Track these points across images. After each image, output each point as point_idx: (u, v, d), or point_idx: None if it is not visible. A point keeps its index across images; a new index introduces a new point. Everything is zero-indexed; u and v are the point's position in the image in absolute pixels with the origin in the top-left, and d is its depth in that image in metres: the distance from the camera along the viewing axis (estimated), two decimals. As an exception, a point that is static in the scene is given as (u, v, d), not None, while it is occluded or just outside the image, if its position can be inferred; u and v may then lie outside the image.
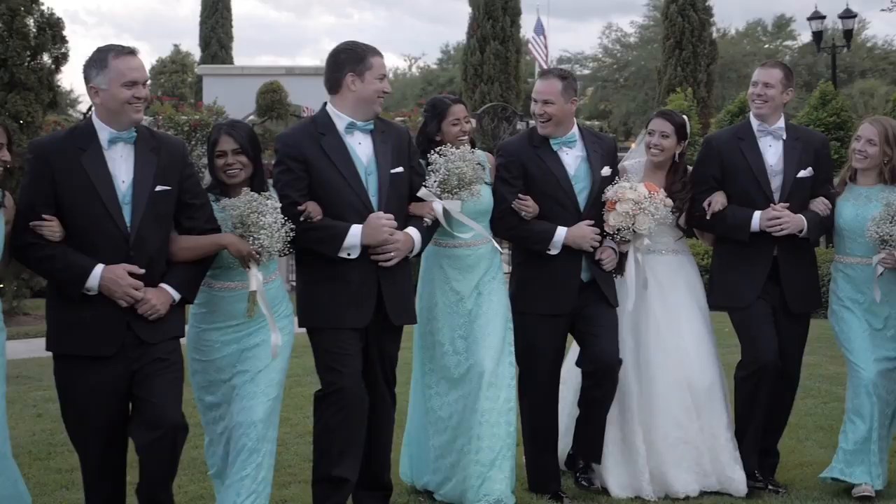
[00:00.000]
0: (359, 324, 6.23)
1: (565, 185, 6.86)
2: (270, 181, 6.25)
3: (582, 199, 6.89)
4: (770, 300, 7.04)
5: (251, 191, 5.85)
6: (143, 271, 5.53)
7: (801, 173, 7.03)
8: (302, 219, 6.03)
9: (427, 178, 6.45)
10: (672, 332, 7.10)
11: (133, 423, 5.65)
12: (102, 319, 5.53)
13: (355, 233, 6.11)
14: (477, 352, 6.73)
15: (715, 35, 38.08)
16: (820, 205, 7.06)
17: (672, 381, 7.01)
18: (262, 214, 5.74)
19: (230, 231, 5.84)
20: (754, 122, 7.15)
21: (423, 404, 6.98)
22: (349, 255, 6.13)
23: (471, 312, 6.80)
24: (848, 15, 29.28)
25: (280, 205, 5.89)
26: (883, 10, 18.86)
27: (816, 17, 29.60)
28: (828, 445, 8.09)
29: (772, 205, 6.95)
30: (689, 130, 7.33)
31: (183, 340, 5.90)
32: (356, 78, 6.20)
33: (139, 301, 5.53)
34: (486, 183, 6.77)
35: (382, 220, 6.14)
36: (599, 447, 6.98)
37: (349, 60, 6.22)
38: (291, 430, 8.60)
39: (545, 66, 38.10)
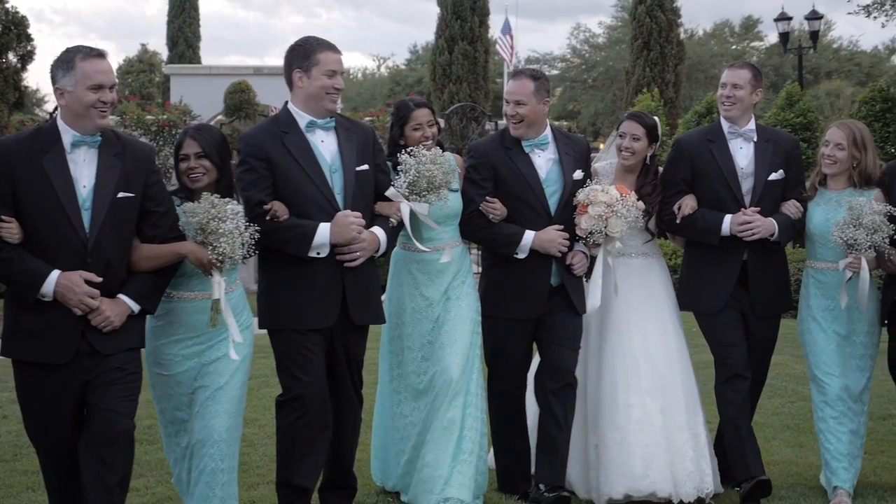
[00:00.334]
0: (323, 324, 6.16)
1: (536, 188, 6.77)
2: None
3: (553, 202, 6.80)
4: (739, 305, 6.95)
5: (217, 196, 5.70)
6: (100, 279, 5.39)
7: (773, 176, 6.93)
8: (268, 218, 5.96)
9: (396, 178, 6.37)
10: (640, 335, 6.99)
11: (84, 430, 5.52)
12: (57, 327, 5.39)
13: (324, 231, 6.03)
14: (443, 358, 6.64)
15: (682, 36, 38.32)
16: (791, 207, 6.95)
17: (639, 384, 6.87)
18: (223, 220, 5.58)
19: (193, 236, 5.65)
20: (725, 124, 7.04)
21: (391, 409, 6.90)
22: (318, 254, 6.05)
23: (439, 318, 6.71)
24: (814, 16, 29.47)
25: (241, 209, 5.75)
26: (849, 13, 18.95)
27: (783, 18, 29.79)
28: (794, 444, 8.15)
29: (743, 209, 6.85)
30: (660, 132, 7.21)
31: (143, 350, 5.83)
32: (303, 74, 6.12)
33: (93, 311, 5.40)
34: (452, 190, 6.65)
35: (350, 218, 6.07)
36: (556, 470, 6.83)
37: (296, 57, 6.15)
38: (259, 431, 8.57)
39: (511, 66, 38.37)
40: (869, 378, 6.96)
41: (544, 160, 6.84)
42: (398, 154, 6.44)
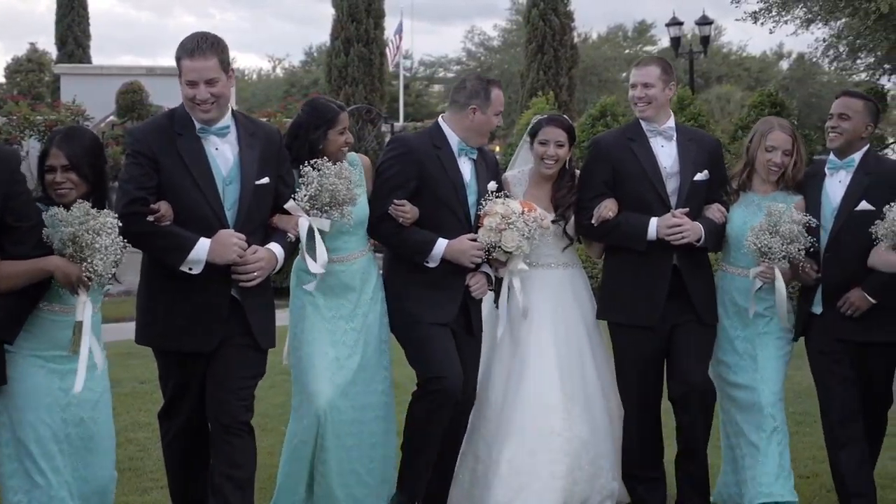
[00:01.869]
0: (203, 347, 5.61)
1: (461, 192, 6.36)
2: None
3: (474, 210, 6.42)
4: (672, 317, 6.54)
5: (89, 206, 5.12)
6: None
7: (698, 176, 6.56)
8: (151, 219, 5.43)
9: (297, 190, 5.86)
10: (558, 350, 6.63)
11: None
12: None
13: (202, 247, 5.44)
14: (350, 381, 6.16)
15: (576, 40, 38.69)
16: (716, 212, 6.61)
17: (551, 402, 6.54)
18: (98, 234, 5.00)
19: (60, 248, 5.05)
20: (643, 122, 6.64)
21: (296, 436, 6.27)
22: (191, 269, 5.46)
23: (346, 336, 6.20)
24: (704, 21, 30.02)
25: (118, 222, 5.12)
26: (737, 19, 19.32)
27: (675, 23, 30.28)
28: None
29: (672, 211, 6.47)
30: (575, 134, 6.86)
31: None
32: (179, 80, 5.56)
33: None
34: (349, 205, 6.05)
35: (234, 239, 5.49)
36: (448, 474, 6.60)
37: (177, 58, 5.59)
38: (153, 436, 8.41)
39: (392, 66, 38.56)
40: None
41: (470, 165, 6.44)
42: (301, 165, 5.90)
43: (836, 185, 6.47)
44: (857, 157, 6.45)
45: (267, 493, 6.64)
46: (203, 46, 5.50)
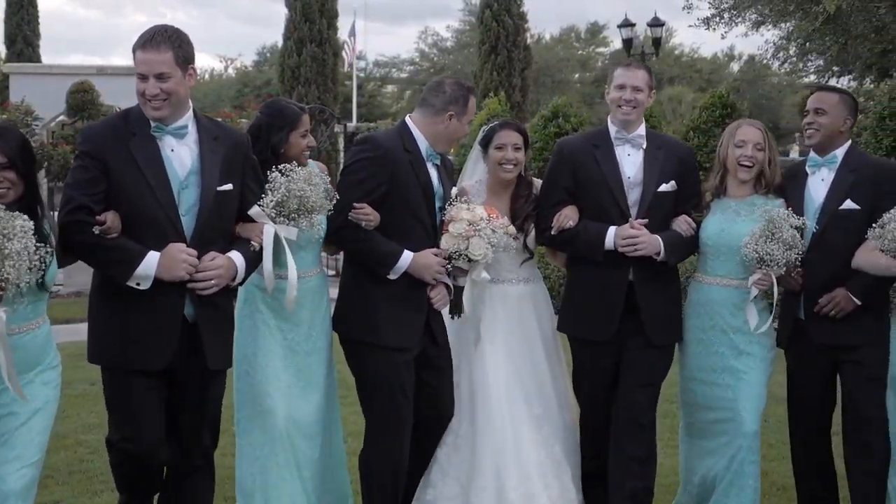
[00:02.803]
0: (154, 366, 5.21)
1: (431, 200, 6.01)
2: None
3: (440, 216, 6.08)
4: (624, 334, 6.24)
5: (3, 208, 4.70)
6: None
7: (663, 187, 6.23)
8: (97, 232, 5.02)
9: (263, 196, 5.45)
10: (517, 368, 6.39)
11: None
12: None
13: (151, 262, 5.06)
14: (301, 406, 5.90)
15: (529, 41, 38.90)
16: (683, 224, 6.26)
17: (513, 418, 6.30)
18: (9, 239, 4.56)
19: None
20: (612, 129, 6.34)
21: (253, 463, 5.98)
22: (139, 285, 5.08)
23: (297, 356, 5.91)
24: (656, 23, 30.18)
25: (31, 226, 4.67)
26: (690, 25, 19.45)
27: (627, 24, 30.43)
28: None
29: (630, 221, 6.16)
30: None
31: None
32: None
33: None
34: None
35: (183, 255, 5.10)
36: (411, 495, 6.28)
37: (132, 49, 5.23)
38: (103, 437, 8.37)
39: (347, 66, 38.56)
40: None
41: (435, 171, 6.07)
42: (268, 170, 5.51)
43: (818, 184, 6.20)
44: (839, 153, 6.20)
45: (219, 493, 6.63)
46: (157, 38, 5.13)
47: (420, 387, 6.03)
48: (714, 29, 17.93)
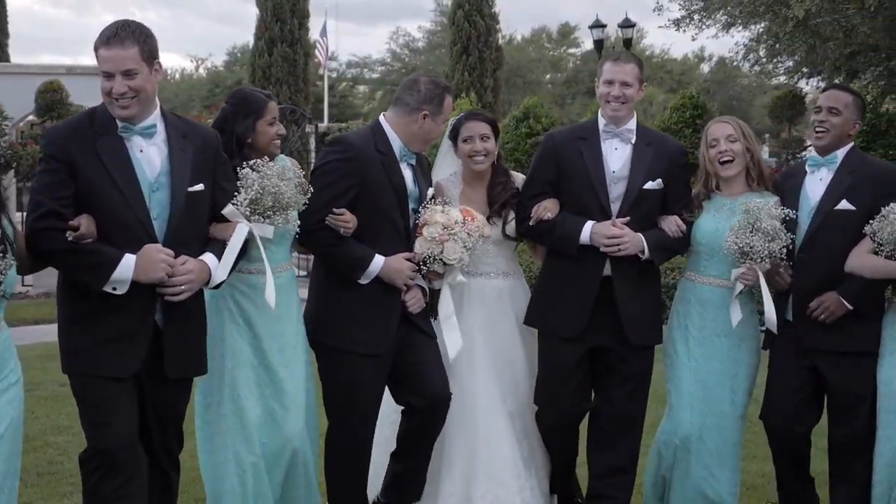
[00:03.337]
0: (122, 372, 5.01)
1: (404, 202, 5.88)
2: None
3: (413, 218, 5.97)
4: (598, 333, 6.11)
5: None
6: None
7: (649, 184, 6.07)
8: (71, 238, 4.80)
9: (236, 194, 5.26)
10: (494, 363, 6.30)
11: None
12: None
13: (128, 265, 4.86)
14: (286, 420, 5.69)
15: (501, 41, 38.93)
16: (672, 225, 6.11)
17: (494, 416, 6.24)
18: None
19: None
20: (601, 122, 6.20)
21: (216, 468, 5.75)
22: (115, 289, 4.90)
23: (268, 358, 5.69)
24: (627, 24, 30.27)
25: None
26: (661, 26, 19.47)
27: (598, 25, 30.50)
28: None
29: (613, 220, 6.02)
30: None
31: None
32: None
33: None
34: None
35: (161, 255, 4.92)
36: (421, 484, 6.14)
37: (94, 48, 5.03)
38: (73, 439, 8.33)
39: (323, 68, 38.51)
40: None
41: (410, 172, 5.96)
42: (239, 167, 5.33)
43: (816, 183, 6.06)
44: (840, 154, 6.05)
45: (189, 497, 6.60)
46: (121, 34, 4.92)
47: (406, 377, 5.94)
48: (684, 30, 17.99)
